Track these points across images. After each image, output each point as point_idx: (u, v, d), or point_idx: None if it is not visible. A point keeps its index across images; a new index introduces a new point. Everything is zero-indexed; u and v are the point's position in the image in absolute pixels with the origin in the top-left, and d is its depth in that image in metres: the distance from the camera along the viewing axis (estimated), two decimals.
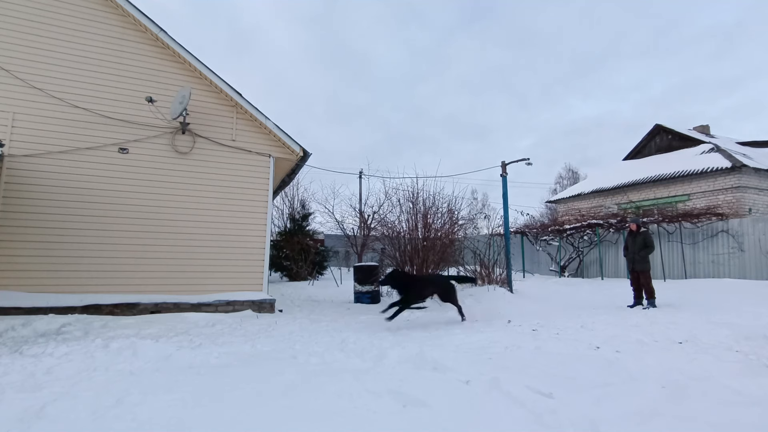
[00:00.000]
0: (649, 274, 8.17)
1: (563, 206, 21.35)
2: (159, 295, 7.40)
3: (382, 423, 2.54)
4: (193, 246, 7.88)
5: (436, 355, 4.11)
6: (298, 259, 17.08)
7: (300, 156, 8.87)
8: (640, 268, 8.21)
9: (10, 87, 7.08)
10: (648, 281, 8.10)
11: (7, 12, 7.21)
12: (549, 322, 6.33)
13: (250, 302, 7.83)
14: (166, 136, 7.96)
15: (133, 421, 2.53)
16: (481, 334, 5.33)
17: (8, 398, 2.90)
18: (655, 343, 4.72)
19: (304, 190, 20.27)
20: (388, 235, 10.78)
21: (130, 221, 7.52)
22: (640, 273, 8.21)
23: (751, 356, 4.08)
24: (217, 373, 3.60)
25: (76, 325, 5.98)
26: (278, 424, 2.52)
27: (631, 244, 8.49)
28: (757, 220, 12.09)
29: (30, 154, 7.07)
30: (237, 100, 8.36)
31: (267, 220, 8.47)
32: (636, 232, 8.55)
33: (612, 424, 2.51)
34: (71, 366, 3.79)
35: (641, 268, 8.20)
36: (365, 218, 18.54)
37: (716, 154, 16.13)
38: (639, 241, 8.37)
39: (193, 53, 8.11)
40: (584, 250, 16.06)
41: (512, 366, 3.77)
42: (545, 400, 2.90)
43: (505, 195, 10.78)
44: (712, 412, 2.68)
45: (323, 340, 5.15)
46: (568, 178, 42.26)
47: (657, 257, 13.92)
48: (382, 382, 3.26)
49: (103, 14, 7.76)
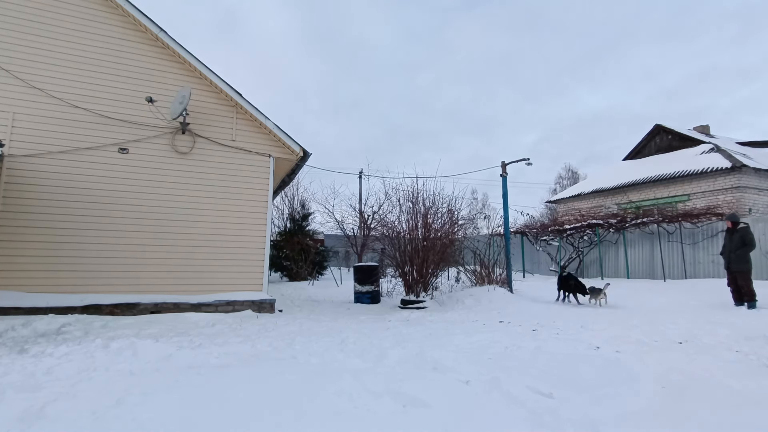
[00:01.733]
0: (749, 275, 7.59)
1: (563, 206, 21.35)
2: (159, 295, 7.39)
3: (382, 423, 2.54)
4: (193, 246, 7.87)
5: (436, 355, 4.11)
6: (298, 259, 17.08)
7: (300, 156, 8.87)
8: (738, 269, 7.65)
9: (10, 87, 7.08)
10: (748, 282, 7.55)
11: (7, 12, 7.21)
12: (549, 322, 6.33)
13: (250, 302, 7.82)
14: (166, 136, 7.96)
15: (133, 421, 2.53)
16: (481, 334, 5.33)
17: (8, 398, 2.89)
18: (655, 343, 4.72)
19: (304, 190, 20.31)
20: (388, 235, 10.77)
21: (130, 221, 7.52)
22: (737, 273, 7.65)
23: (751, 356, 4.08)
24: (217, 373, 3.60)
25: (76, 325, 5.98)
26: (278, 424, 2.52)
27: (728, 242, 7.92)
28: (757, 220, 12.08)
29: (30, 154, 7.07)
30: (237, 100, 8.36)
31: (267, 220, 8.47)
32: (733, 229, 7.94)
33: (612, 424, 2.51)
34: (71, 366, 3.79)
35: (738, 268, 7.64)
36: (365, 218, 18.56)
37: (716, 154, 16.13)
38: (736, 238, 7.79)
39: (193, 53, 8.11)
40: (584, 250, 16.06)
41: (512, 366, 3.77)
42: (545, 400, 2.90)
43: (505, 195, 10.78)
44: (712, 412, 2.68)
45: (323, 340, 5.15)
46: (568, 178, 42.29)
47: (657, 257, 13.94)
48: (382, 382, 3.26)
49: (103, 14, 7.76)
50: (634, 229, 14.54)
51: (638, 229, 14.43)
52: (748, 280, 7.56)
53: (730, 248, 7.85)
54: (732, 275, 7.78)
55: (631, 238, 14.74)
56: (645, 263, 14.39)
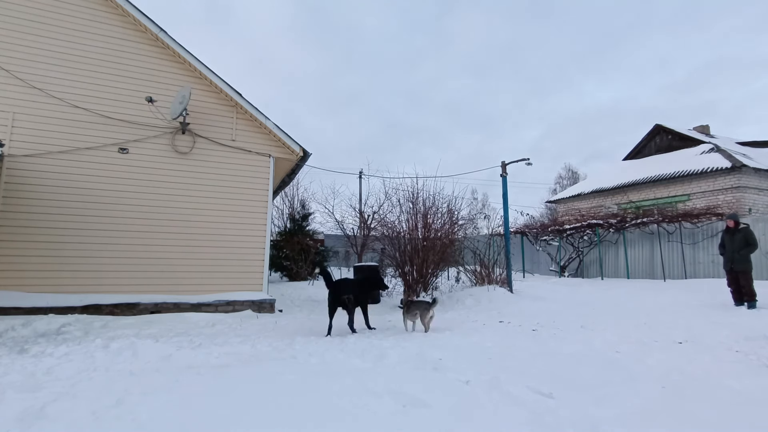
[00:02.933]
0: (750, 275, 7.56)
1: (563, 206, 21.35)
2: (159, 295, 7.40)
3: (382, 423, 2.54)
4: (193, 246, 7.87)
5: (436, 355, 4.11)
6: (298, 259, 17.08)
7: (300, 156, 8.87)
8: (740, 268, 7.60)
9: (10, 87, 7.08)
10: (749, 282, 7.51)
11: (7, 12, 7.21)
12: (549, 322, 6.33)
13: (250, 302, 7.83)
14: (166, 136, 7.95)
15: (133, 421, 2.53)
16: (481, 334, 5.33)
17: (8, 398, 2.89)
18: (655, 343, 4.72)
19: (304, 190, 20.32)
20: (388, 235, 10.77)
21: (130, 221, 7.52)
22: (739, 273, 7.61)
23: (751, 356, 4.08)
24: (217, 373, 3.60)
25: (76, 325, 5.99)
26: (278, 424, 2.52)
27: (729, 242, 7.85)
28: (757, 220, 12.08)
29: (30, 154, 7.07)
30: (237, 100, 8.36)
31: (267, 220, 8.47)
32: (735, 228, 7.87)
33: (612, 424, 2.50)
34: (71, 366, 3.79)
35: (741, 268, 7.59)
36: (365, 218, 18.56)
37: (716, 154, 16.14)
38: (738, 238, 7.72)
39: (193, 53, 8.11)
40: (584, 250, 16.06)
41: (512, 366, 3.77)
42: (545, 400, 2.90)
43: (505, 195, 10.78)
44: (712, 412, 2.68)
45: (323, 340, 5.15)
46: (568, 178, 42.27)
47: (657, 257, 13.94)
48: (382, 382, 3.26)
49: (103, 14, 7.76)
50: (634, 229, 14.54)
51: (638, 229, 14.43)
52: (750, 279, 7.54)
53: (732, 248, 7.81)
54: (734, 275, 7.75)
55: (631, 238, 14.74)
56: (645, 263, 14.38)
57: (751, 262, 7.67)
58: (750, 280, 7.56)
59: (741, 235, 7.77)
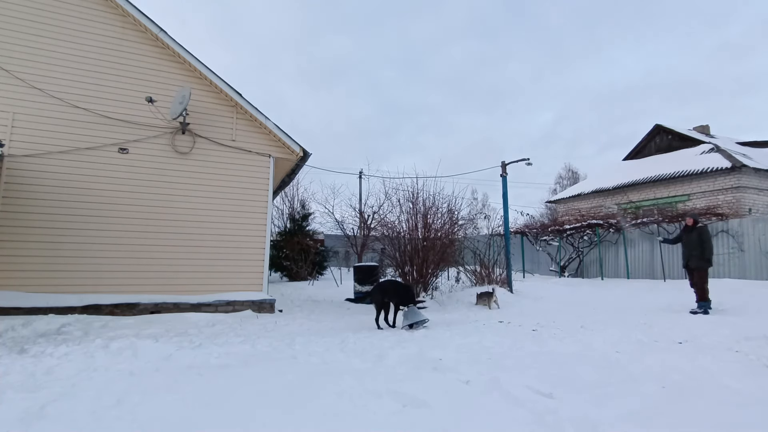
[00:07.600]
0: (706, 274, 7.41)
1: (563, 206, 21.36)
2: (159, 295, 7.39)
3: (382, 423, 2.54)
4: (193, 246, 7.87)
5: (436, 355, 4.11)
6: (298, 259, 17.08)
7: (300, 156, 8.87)
8: (695, 265, 7.53)
9: (10, 87, 7.07)
10: (702, 280, 7.37)
11: (7, 12, 7.20)
12: (549, 322, 6.33)
13: (250, 302, 7.82)
14: (166, 136, 7.95)
15: (133, 422, 2.53)
16: (481, 334, 5.33)
17: (8, 398, 2.89)
18: (655, 343, 4.72)
19: (304, 190, 20.32)
20: (388, 235, 10.77)
21: (130, 221, 7.52)
22: (695, 270, 7.52)
23: (751, 356, 4.08)
24: (217, 373, 3.60)
25: (76, 325, 5.98)
26: (278, 423, 2.52)
27: (686, 240, 7.82)
28: (757, 220, 12.08)
29: (30, 154, 7.07)
30: (237, 100, 8.36)
31: (267, 220, 8.47)
32: (692, 227, 7.79)
33: (612, 424, 2.50)
34: (71, 366, 3.79)
35: (696, 265, 7.52)
36: (365, 218, 18.56)
37: (716, 154, 16.14)
38: (694, 237, 7.63)
39: (193, 53, 8.11)
40: (584, 250, 16.06)
41: (512, 366, 3.77)
42: (545, 400, 2.90)
43: (505, 195, 10.79)
44: (712, 412, 2.68)
45: (323, 340, 5.14)
46: (568, 178, 42.28)
47: (657, 258, 13.93)
48: (382, 382, 3.26)
49: (103, 14, 7.76)
50: (633, 229, 14.54)
51: (638, 229, 14.44)
52: (705, 278, 7.41)
53: (689, 246, 7.70)
54: (691, 272, 7.66)
55: (631, 238, 14.74)
56: (645, 263, 14.38)
57: (711, 261, 7.55)
58: (704, 279, 7.40)
59: (696, 233, 7.66)
